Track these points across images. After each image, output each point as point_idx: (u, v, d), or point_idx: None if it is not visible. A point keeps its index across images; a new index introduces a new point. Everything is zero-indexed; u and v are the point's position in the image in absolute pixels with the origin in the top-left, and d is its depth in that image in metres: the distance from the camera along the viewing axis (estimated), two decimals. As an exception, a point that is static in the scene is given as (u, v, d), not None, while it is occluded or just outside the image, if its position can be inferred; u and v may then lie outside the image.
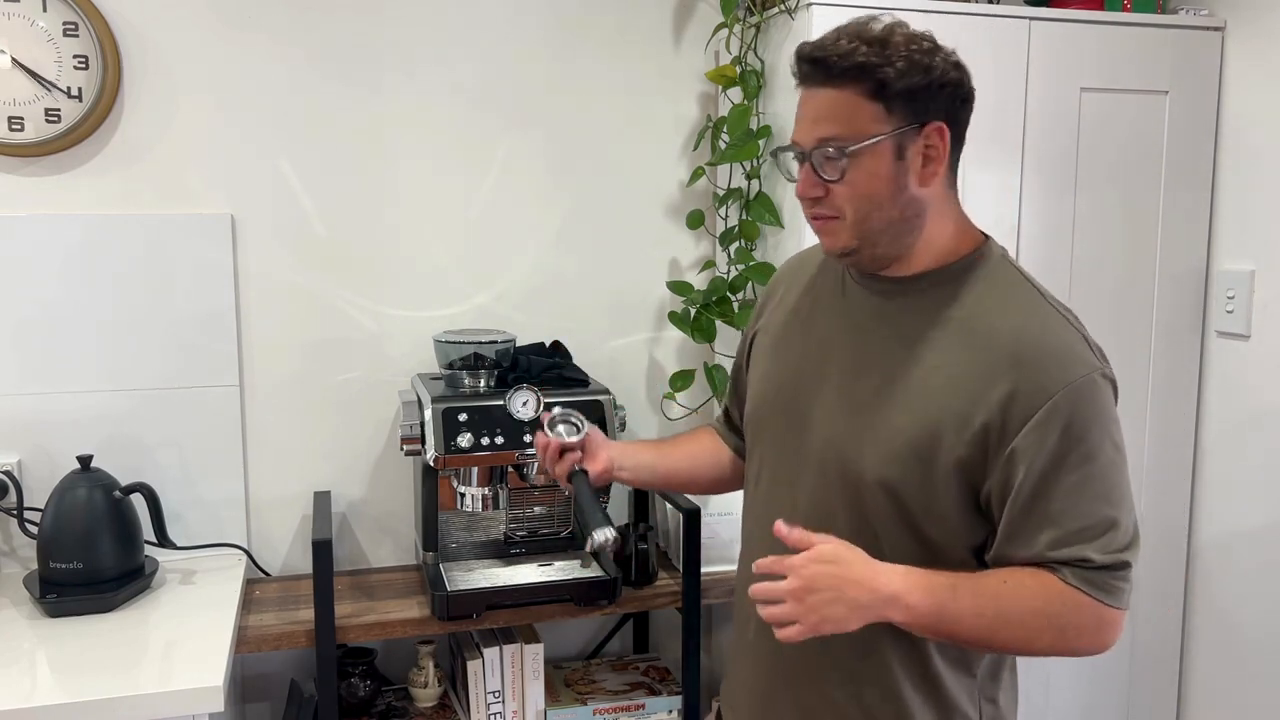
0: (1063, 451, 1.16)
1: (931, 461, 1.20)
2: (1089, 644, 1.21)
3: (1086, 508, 1.18)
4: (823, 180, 1.21)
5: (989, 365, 1.19)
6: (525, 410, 1.89)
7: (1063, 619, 1.18)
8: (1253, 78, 2.11)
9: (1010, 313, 1.23)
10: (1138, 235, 2.16)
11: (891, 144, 1.19)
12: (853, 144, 1.18)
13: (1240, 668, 2.16)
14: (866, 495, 1.24)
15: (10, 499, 1.93)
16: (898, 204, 1.22)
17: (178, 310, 2.02)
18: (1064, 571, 1.18)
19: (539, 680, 2.02)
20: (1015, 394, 1.17)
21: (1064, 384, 1.16)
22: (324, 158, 2.09)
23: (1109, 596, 1.18)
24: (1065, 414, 1.16)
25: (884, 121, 1.18)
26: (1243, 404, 2.15)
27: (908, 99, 1.18)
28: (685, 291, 2.21)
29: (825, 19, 1.90)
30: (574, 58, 2.20)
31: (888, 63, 1.17)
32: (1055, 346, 1.20)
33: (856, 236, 1.23)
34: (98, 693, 1.51)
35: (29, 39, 1.89)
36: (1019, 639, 1.20)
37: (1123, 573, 1.19)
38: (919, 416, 1.21)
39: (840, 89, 1.19)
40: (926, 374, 1.23)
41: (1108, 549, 1.18)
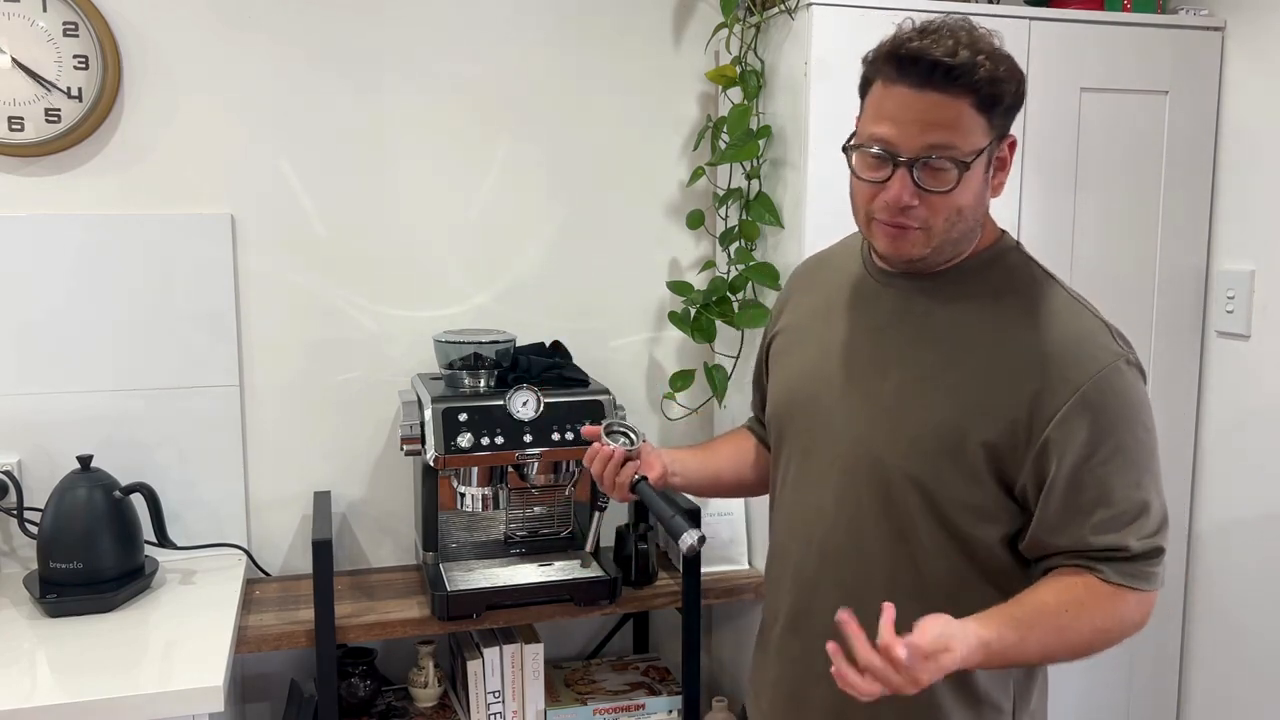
0: (1095, 442, 1.18)
1: (959, 456, 1.21)
2: (1133, 630, 1.25)
3: (1121, 494, 1.19)
4: (921, 189, 1.17)
5: (1014, 360, 1.20)
6: (525, 410, 1.89)
7: (1117, 623, 1.22)
8: (1253, 78, 2.11)
9: (1032, 307, 1.24)
10: (1138, 235, 2.16)
11: (987, 157, 1.19)
12: (968, 156, 1.16)
13: (1240, 665, 2.16)
14: (895, 491, 1.25)
15: (10, 499, 1.93)
16: (977, 214, 1.23)
17: (178, 310, 2.02)
18: (1105, 570, 1.20)
19: (539, 680, 2.02)
20: (1043, 388, 1.18)
21: (1090, 375, 1.18)
22: (324, 158, 2.09)
23: (1146, 584, 1.21)
24: (1094, 404, 1.17)
25: (986, 134, 1.18)
26: (1243, 404, 2.15)
27: (1005, 114, 1.19)
28: (685, 291, 2.21)
29: (825, 19, 1.90)
30: (574, 58, 2.20)
31: (995, 77, 1.15)
32: (1078, 338, 1.21)
33: (934, 246, 1.22)
34: (98, 693, 1.51)
35: (29, 39, 1.89)
36: (1081, 654, 1.23)
37: (1157, 558, 1.22)
38: (945, 412, 1.22)
39: (954, 97, 1.15)
40: (951, 370, 1.23)
41: (1142, 534, 1.20)
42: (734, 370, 2.20)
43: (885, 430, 1.26)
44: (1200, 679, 2.27)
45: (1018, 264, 1.29)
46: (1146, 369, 2.14)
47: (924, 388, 1.24)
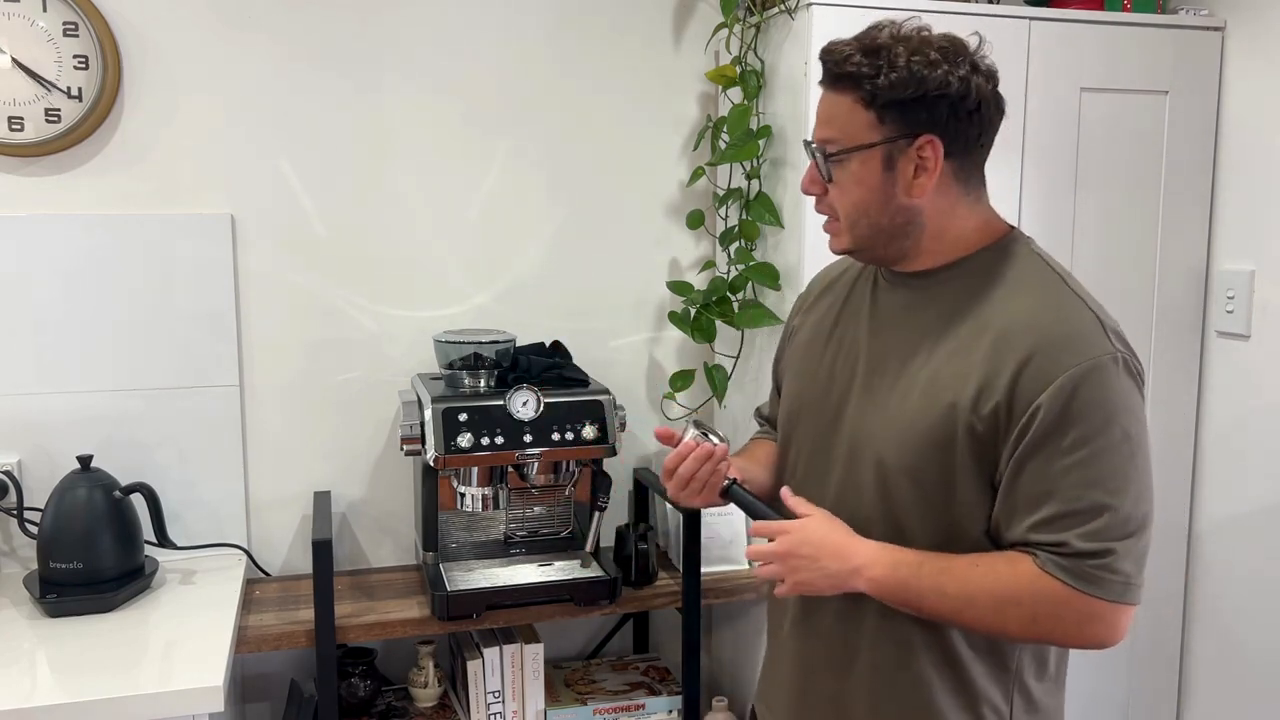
0: (1059, 433, 1.16)
1: (949, 447, 1.22)
2: (1075, 636, 1.21)
3: (1075, 492, 1.16)
4: (821, 179, 1.27)
5: (1002, 348, 1.20)
6: (525, 410, 1.89)
7: (1034, 607, 1.18)
8: (1253, 78, 2.11)
9: (1026, 299, 1.23)
10: (1138, 235, 2.16)
11: (881, 153, 1.22)
12: (842, 148, 1.23)
13: (1241, 665, 2.16)
14: (891, 484, 1.26)
15: (10, 499, 1.93)
16: (886, 213, 1.25)
17: (178, 310, 2.02)
18: (1041, 557, 1.17)
19: (539, 680, 2.02)
20: (1023, 376, 1.18)
21: (1071, 366, 1.16)
22: (324, 158, 2.09)
23: (1090, 586, 1.16)
24: (1067, 396, 1.16)
25: (875, 130, 1.21)
26: (1243, 404, 2.15)
27: (898, 110, 1.20)
28: (685, 291, 2.21)
29: (825, 19, 1.90)
30: (574, 58, 2.20)
31: (878, 73, 1.19)
32: (1067, 330, 1.20)
33: (851, 239, 1.28)
34: (98, 693, 1.51)
35: (29, 39, 1.89)
36: (987, 621, 1.21)
37: (1106, 560, 1.16)
38: (934, 404, 1.23)
39: (840, 93, 1.23)
40: (941, 362, 1.24)
41: (1093, 536, 1.15)
42: (734, 370, 2.20)
43: (882, 426, 1.27)
44: (1200, 679, 2.26)
45: (1023, 260, 1.28)
46: (1146, 369, 2.16)
47: (918, 382, 1.26)
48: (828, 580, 1.24)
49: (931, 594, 1.20)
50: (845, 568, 1.23)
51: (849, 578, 1.23)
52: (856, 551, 1.23)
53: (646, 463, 2.33)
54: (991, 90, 1.27)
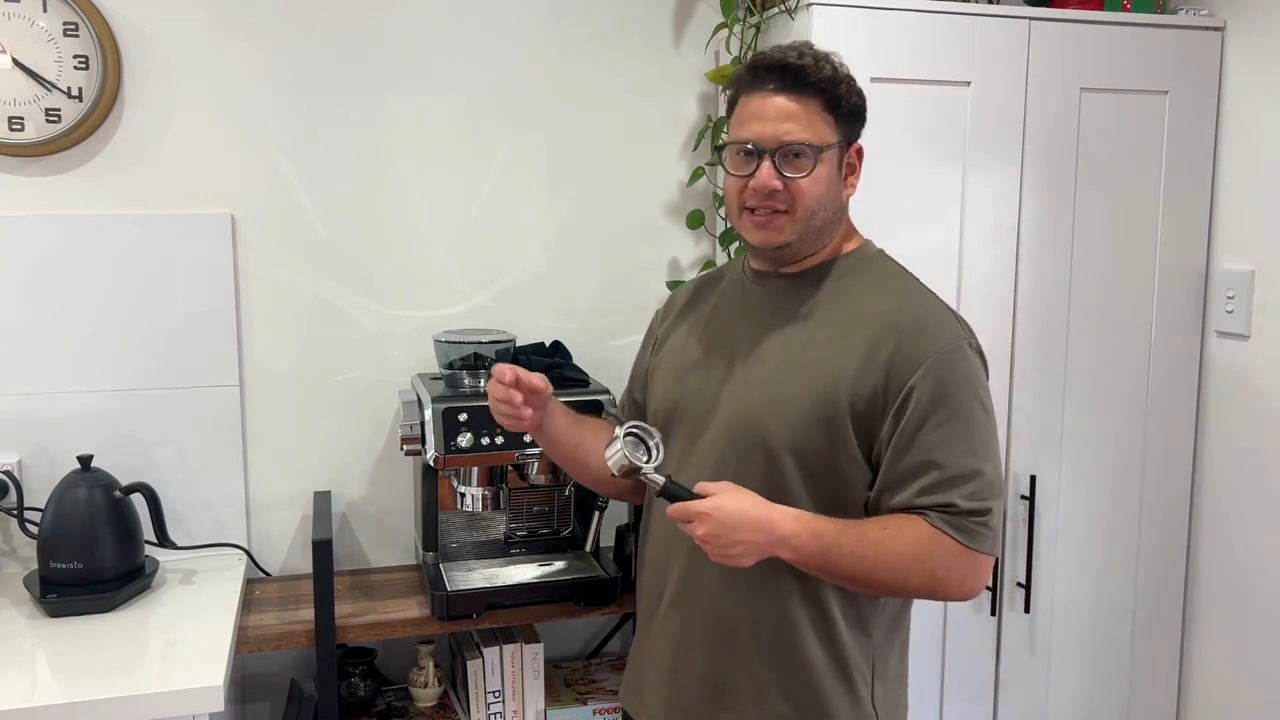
0: (933, 408, 1.32)
1: (830, 425, 1.35)
2: (956, 587, 1.35)
3: (953, 459, 1.32)
4: (783, 176, 1.36)
5: (873, 336, 1.36)
6: (525, 410, 1.88)
7: (932, 562, 1.32)
8: (1253, 78, 2.11)
9: (889, 293, 1.41)
10: (1138, 235, 2.16)
11: (837, 155, 1.40)
12: (819, 145, 1.36)
13: (1241, 666, 2.16)
14: (774, 462, 1.37)
15: (10, 499, 1.93)
16: (832, 207, 1.41)
17: (178, 310, 2.02)
18: (931, 516, 1.32)
19: (539, 680, 2.02)
20: (895, 357, 1.34)
21: (936, 350, 1.34)
22: (324, 158, 2.09)
23: (972, 540, 1.32)
24: (936, 375, 1.33)
25: (834, 132, 1.39)
26: (1243, 404, 2.15)
27: (849, 118, 1.40)
28: (685, 291, 2.21)
29: (825, 19, 1.90)
30: (574, 58, 2.20)
31: (842, 81, 1.38)
32: (928, 319, 1.38)
33: (798, 232, 1.40)
34: (98, 693, 1.51)
35: (29, 39, 1.89)
36: (893, 580, 1.34)
37: (984, 518, 1.33)
38: (816, 386, 1.36)
39: (806, 98, 1.36)
40: (819, 349, 1.39)
41: (974, 496, 1.32)
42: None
43: (765, 406, 1.39)
44: (1200, 678, 2.26)
45: (878, 262, 1.47)
46: (1146, 369, 2.17)
47: (798, 365, 1.39)
48: (754, 552, 1.30)
49: (849, 558, 1.31)
50: (770, 539, 1.29)
51: (774, 548, 1.30)
52: (777, 523, 1.30)
53: (646, 463, 2.32)
54: None
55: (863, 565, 1.31)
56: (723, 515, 1.28)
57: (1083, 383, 2.14)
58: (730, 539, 1.28)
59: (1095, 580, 2.22)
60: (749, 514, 1.29)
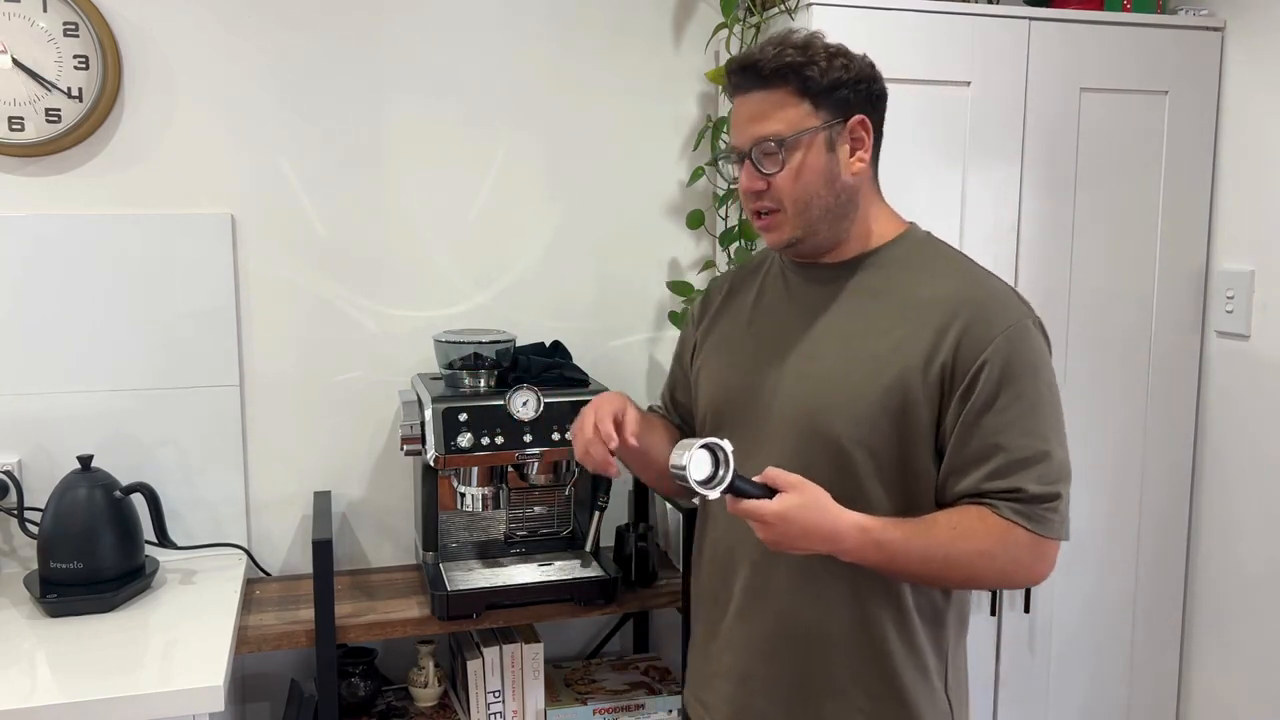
0: (1000, 389, 1.28)
1: (900, 415, 1.31)
2: (1026, 576, 1.33)
3: (1022, 440, 1.28)
4: (763, 175, 1.33)
5: (939, 319, 1.31)
6: (525, 410, 1.89)
7: (1004, 555, 1.28)
8: (1253, 78, 2.11)
9: (946, 275, 1.36)
10: (1138, 235, 2.16)
11: (823, 137, 1.32)
12: (788, 136, 1.31)
13: (1241, 667, 2.16)
14: (844, 458, 1.33)
15: (10, 499, 1.93)
16: (832, 191, 1.34)
17: (178, 310, 2.02)
18: (1001, 507, 1.28)
19: (539, 680, 2.02)
20: (964, 337, 1.29)
21: (1004, 327, 1.29)
22: (324, 158, 2.09)
23: (1042, 527, 1.28)
24: (1004, 354, 1.28)
25: (813, 116, 1.32)
26: (1243, 404, 2.15)
27: (831, 95, 1.32)
28: (685, 291, 2.21)
29: (825, 19, 1.90)
30: (574, 58, 2.20)
31: (811, 62, 1.31)
32: (991, 296, 1.33)
33: (799, 226, 1.35)
34: (98, 693, 1.51)
35: (29, 39, 1.89)
36: (963, 578, 1.32)
37: (1054, 504, 1.29)
38: (883, 377, 1.31)
39: (771, 90, 1.32)
40: (881, 339, 1.33)
41: (1043, 480, 1.28)
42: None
43: (830, 403, 1.34)
44: (1200, 678, 2.26)
45: (928, 245, 1.41)
46: (1146, 369, 2.17)
47: (859, 357, 1.34)
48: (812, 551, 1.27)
49: (917, 564, 1.28)
50: (833, 549, 1.27)
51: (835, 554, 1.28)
52: (842, 534, 1.25)
53: (646, 463, 2.33)
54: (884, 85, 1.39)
55: (931, 568, 1.29)
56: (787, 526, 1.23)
57: (1083, 382, 2.14)
58: (791, 545, 1.25)
59: (1095, 580, 2.22)
60: (814, 526, 1.23)
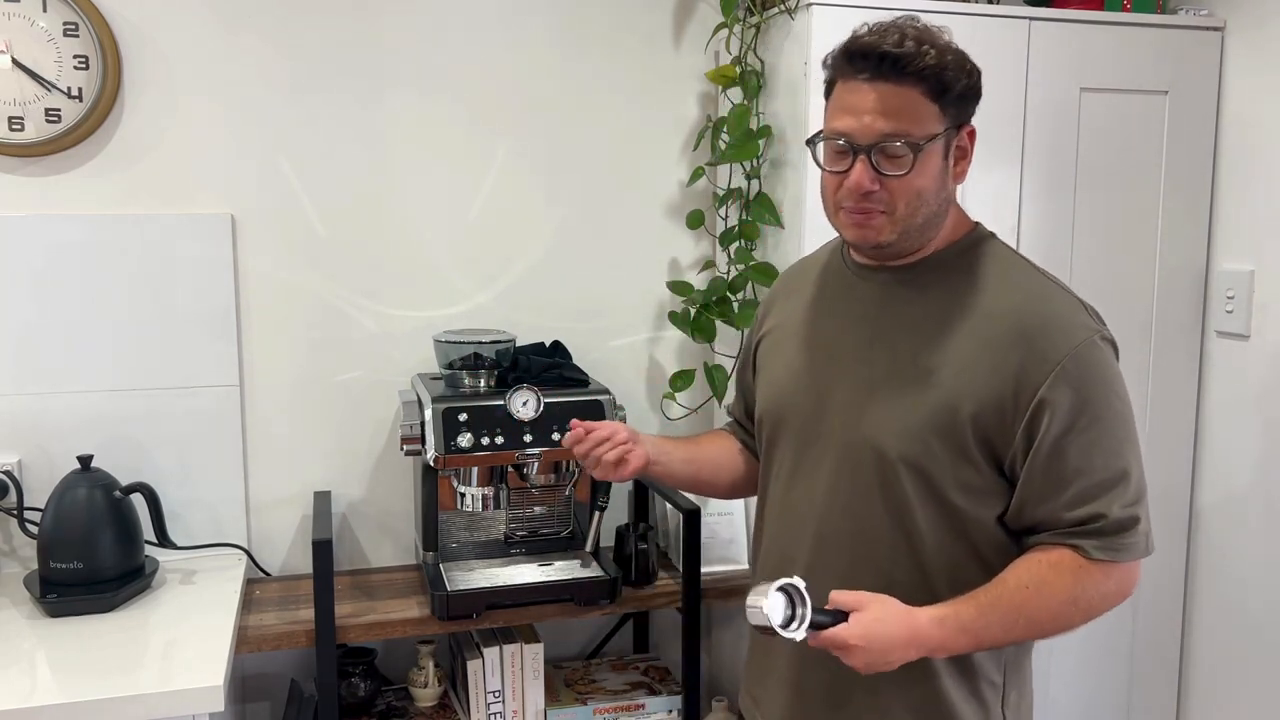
0: (1075, 413, 1.22)
1: (950, 434, 1.25)
2: (1117, 600, 1.28)
3: (1101, 462, 1.24)
4: (880, 174, 1.25)
5: (997, 339, 1.25)
6: (525, 410, 1.89)
7: (1085, 598, 1.25)
8: (1253, 78, 2.11)
9: (1010, 288, 1.29)
10: (1138, 235, 2.16)
11: (942, 144, 1.27)
12: (920, 140, 1.23)
13: (1240, 667, 2.16)
14: (891, 474, 1.28)
15: (10, 499, 1.93)
16: (939, 199, 1.29)
17: (177, 310, 2.02)
18: (1083, 545, 1.23)
19: (539, 680, 2.02)
20: (1025, 363, 1.23)
21: (1069, 349, 1.23)
22: (324, 158, 2.09)
23: (1124, 555, 1.24)
24: (1073, 377, 1.22)
25: (939, 121, 1.25)
26: (1243, 404, 2.15)
27: (958, 102, 1.26)
28: (685, 291, 2.21)
29: (825, 19, 1.90)
30: (574, 58, 2.20)
31: (945, 66, 1.23)
32: (1056, 315, 1.26)
33: (899, 230, 1.28)
34: (98, 693, 1.51)
35: (29, 39, 1.89)
36: (1053, 630, 1.27)
37: (1134, 529, 1.25)
38: (935, 393, 1.26)
39: (906, 87, 1.23)
40: (937, 352, 1.28)
41: (1124, 503, 1.24)
42: (734, 370, 2.20)
43: (879, 416, 1.30)
44: (1200, 679, 2.26)
45: (992, 251, 1.34)
46: (1146, 369, 2.17)
47: (912, 371, 1.29)
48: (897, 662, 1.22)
49: (1000, 634, 1.25)
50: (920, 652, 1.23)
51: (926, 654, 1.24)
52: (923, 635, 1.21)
53: (646, 463, 2.32)
54: None
55: (1017, 633, 1.25)
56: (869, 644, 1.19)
57: (1083, 383, 2.14)
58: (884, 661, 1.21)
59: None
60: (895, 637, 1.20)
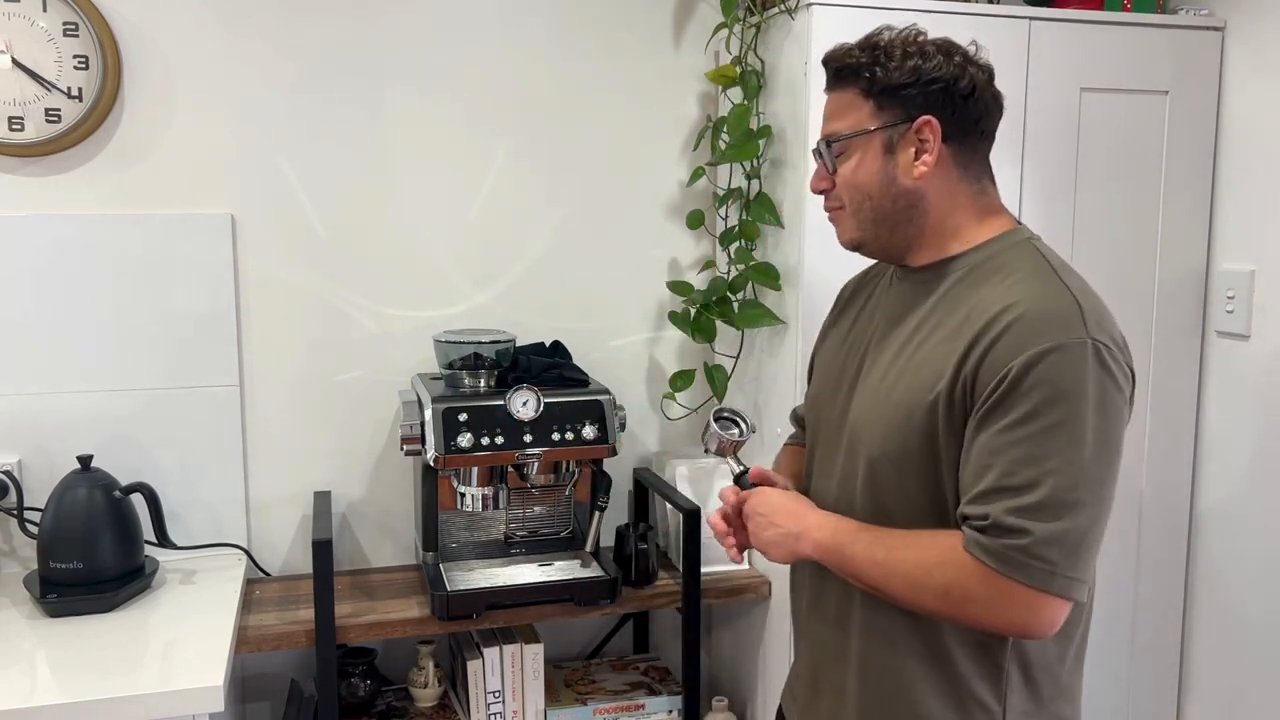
0: (1009, 405, 1.16)
1: (929, 433, 1.24)
2: (990, 618, 1.18)
3: (1012, 467, 1.15)
4: (827, 174, 1.35)
5: (971, 330, 1.22)
6: (525, 410, 1.89)
7: (946, 580, 1.18)
8: (1253, 78, 2.11)
9: (1012, 286, 1.23)
10: (1138, 235, 2.16)
11: (880, 139, 1.29)
12: (845, 136, 1.31)
13: (1240, 666, 2.16)
14: (875, 470, 1.30)
15: (10, 499, 1.93)
16: (888, 195, 1.30)
17: (177, 310, 2.02)
18: (966, 535, 1.17)
19: (539, 680, 2.02)
20: (990, 353, 1.18)
21: (1035, 347, 1.16)
22: (324, 158, 2.09)
23: (1006, 567, 1.13)
24: (1020, 373, 1.15)
25: (874, 118, 1.29)
26: (1243, 404, 2.15)
27: (894, 96, 1.28)
28: (685, 291, 2.21)
29: (825, 19, 1.90)
30: (574, 58, 2.20)
31: (875, 63, 1.28)
32: (1037, 314, 1.18)
33: (860, 225, 1.34)
34: (98, 693, 1.51)
35: (29, 39, 1.89)
36: (906, 592, 1.23)
37: (1023, 543, 1.12)
38: (912, 391, 1.26)
39: (843, 90, 1.32)
40: (925, 349, 1.28)
41: (1018, 513, 1.13)
42: (734, 370, 2.20)
43: (869, 417, 1.32)
44: (1200, 679, 2.26)
45: (1019, 252, 1.29)
46: (1146, 369, 2.17)
47: (900, 370, 1.29)
48: (780, 539, 1.35)
49: (864, 560, 1.26)
50: (795, 529, 1.33)
51: (797, 541, 1.33)
52: (805, 516, 1.34)
53: (646, 463, 2.33)
54: (987, 80, 1.32)
55: (877, 571, 1.24)
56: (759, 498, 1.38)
57: (1083, 383, 2.14)
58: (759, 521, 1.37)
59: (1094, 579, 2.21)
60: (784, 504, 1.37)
